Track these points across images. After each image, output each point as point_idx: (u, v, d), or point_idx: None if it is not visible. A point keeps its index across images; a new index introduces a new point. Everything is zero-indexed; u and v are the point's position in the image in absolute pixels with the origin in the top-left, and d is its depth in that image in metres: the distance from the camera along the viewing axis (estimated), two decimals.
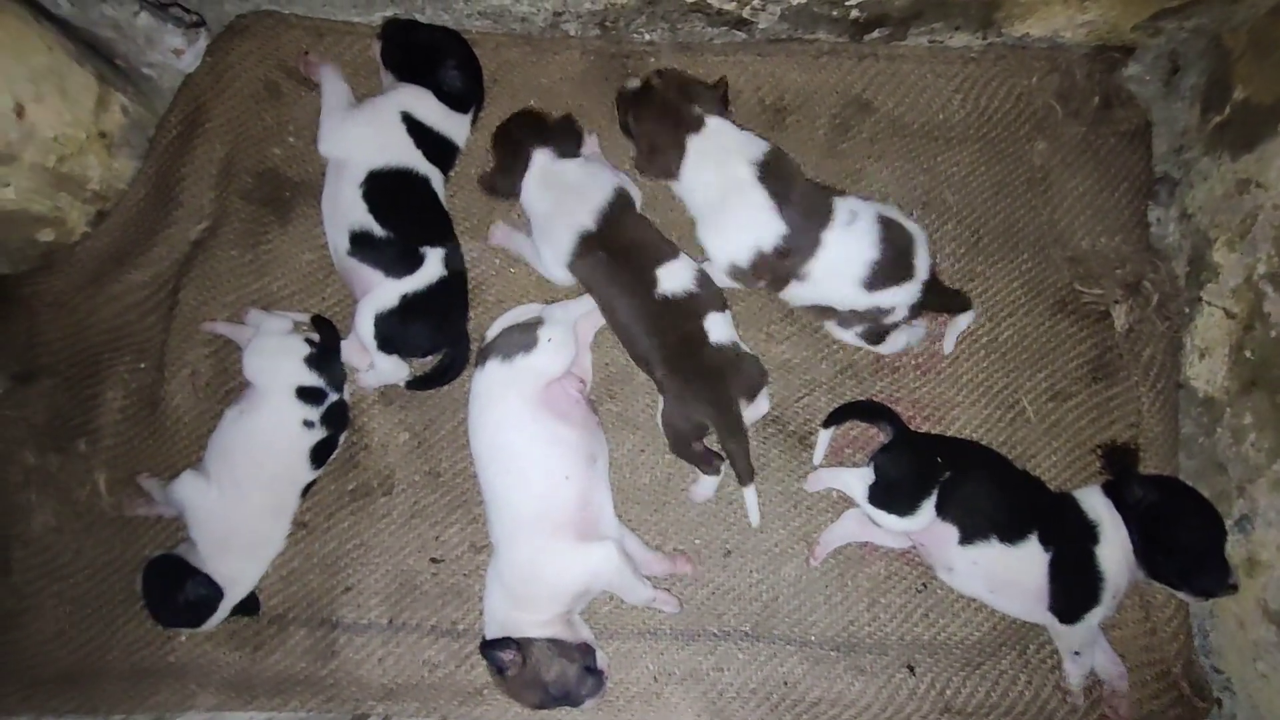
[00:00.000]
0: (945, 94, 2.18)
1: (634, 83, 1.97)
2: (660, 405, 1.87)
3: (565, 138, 2.00)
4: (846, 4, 2.03)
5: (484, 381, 1.81)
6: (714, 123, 1.90)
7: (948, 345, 2.01)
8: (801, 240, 1.83)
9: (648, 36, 2.19)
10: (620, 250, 1.85)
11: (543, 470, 1.73)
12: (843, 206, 1.85)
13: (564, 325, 1.85)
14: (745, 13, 2.07)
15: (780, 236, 1.83)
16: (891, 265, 1.83)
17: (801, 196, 1.86)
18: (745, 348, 1.88)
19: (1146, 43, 2.11)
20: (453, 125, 2.04)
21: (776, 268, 1.87)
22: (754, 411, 1.88)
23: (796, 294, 1.92)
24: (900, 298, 1.86)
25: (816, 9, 2.05)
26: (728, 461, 1.85)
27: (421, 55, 2.01)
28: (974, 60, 2.19)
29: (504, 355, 1.80)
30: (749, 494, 1.84)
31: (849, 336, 1.97)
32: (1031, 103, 2.17)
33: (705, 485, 1.93)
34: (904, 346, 2.00)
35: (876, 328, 1.93)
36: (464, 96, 2.05)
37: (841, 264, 1.84)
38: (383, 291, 1.89)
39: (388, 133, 1.95)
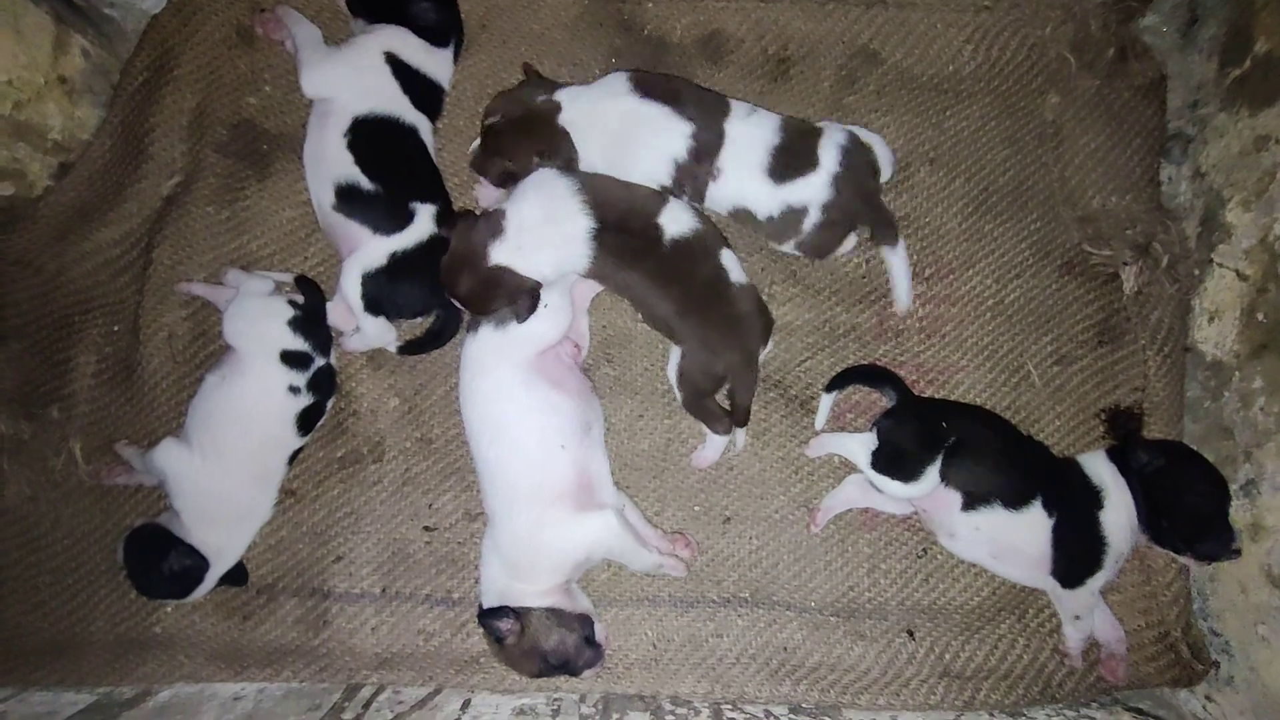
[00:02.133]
0: (955, 45, 2.10)
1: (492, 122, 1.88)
2: (675, 359, 1.81)
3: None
4: None
5: (476, 348, 1.75)
6: (562, 97, 1.83)
7: (899, 302, 1.96)
8: (707, 135, 1.79)
9: None
10: (616, 224, 1.74)
11: (537, 440, 1.69)
12: (740, 103, 1.84)
13: (559, 290, 1.77)
14: None
15: (688, 135, 1.79)
16: (794, 154, 1.80)
17: (693, 95, 1.83)
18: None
19: None
20: (436, 63, 1.95)
21: (695, 172, 1.82)
22: (762, 354, 1.85)
23: (716, 198, 1.88)
24: (809, 193, 1.81)
25: None
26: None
27: None
28: (986, 9, 2.10)
29: (497, 321, 1.73)
30: (741, 435, 1.89)
31: (789, 248, 1.93)
32: (1044, 54, 2.09)
33: (712, 447, 1.89)
34: (845, 253, 1.99)
35: (811, 237, 1.88)
36: (442, 27, 1.95)
37: (745, 152, 1.80)
38: (370, 250, 1.81)
39: (372, 75, 1.86)
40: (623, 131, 1.79)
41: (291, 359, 1.80)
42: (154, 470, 1.81)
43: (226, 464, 1.78)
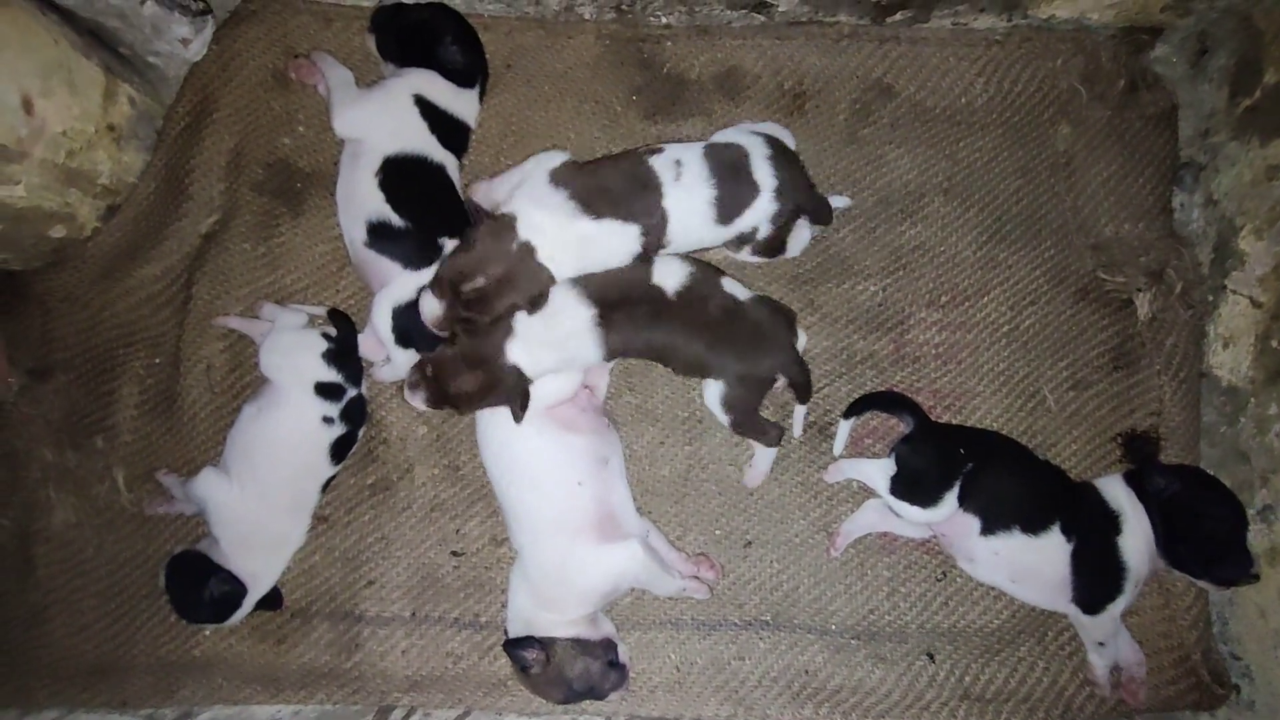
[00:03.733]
0: (968, 77, 2.14)
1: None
2: (714, 392, 1.83)
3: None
4: None
5: None
6: (528, 234, 1.73)
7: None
8: (653, 222, 1.78)
9: (664, 20, 2.14)
10: (618, 302, 1.77)
11: (555, 479, 1.73)
12: (663, 161, 1.79)
13: None
14: None
15: (638, 234, 1.78)
16: (734, 194, 1.81)
17: (626, 185, 1.78)
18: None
19: (1175, 23, 2.06)
20: (463, 104, 2.01)
21: (650, 248, 1.82)
22: (800, 342, 1.90)
23: (672, 250, 1.88)
24: (759, 216, 1.84)
25: None
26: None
27: (416, 37, 1.97)
28: (998, 43, 2.14)
29: None
30: (800, 410, 1.92)
31: (746, 256, 1.97)
32: (1056, 86, 2.13)
33: (762, 461, 1.93)
34: (801, 250, 2.02)
35: (764, 244, 1.92)
36: (468, 70, 2.01)
37: (691, 216, 1.80)
38: (400, 284, 1.86)
39: (402, 116, 1.92)
40: (584, 250, 1.77)
41: (325, 390, 1.85)
42: (194, 498, 1.86)
43: (263, 492, 1.83)
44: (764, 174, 1.82)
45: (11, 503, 2.00)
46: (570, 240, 1.73)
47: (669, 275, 1.79)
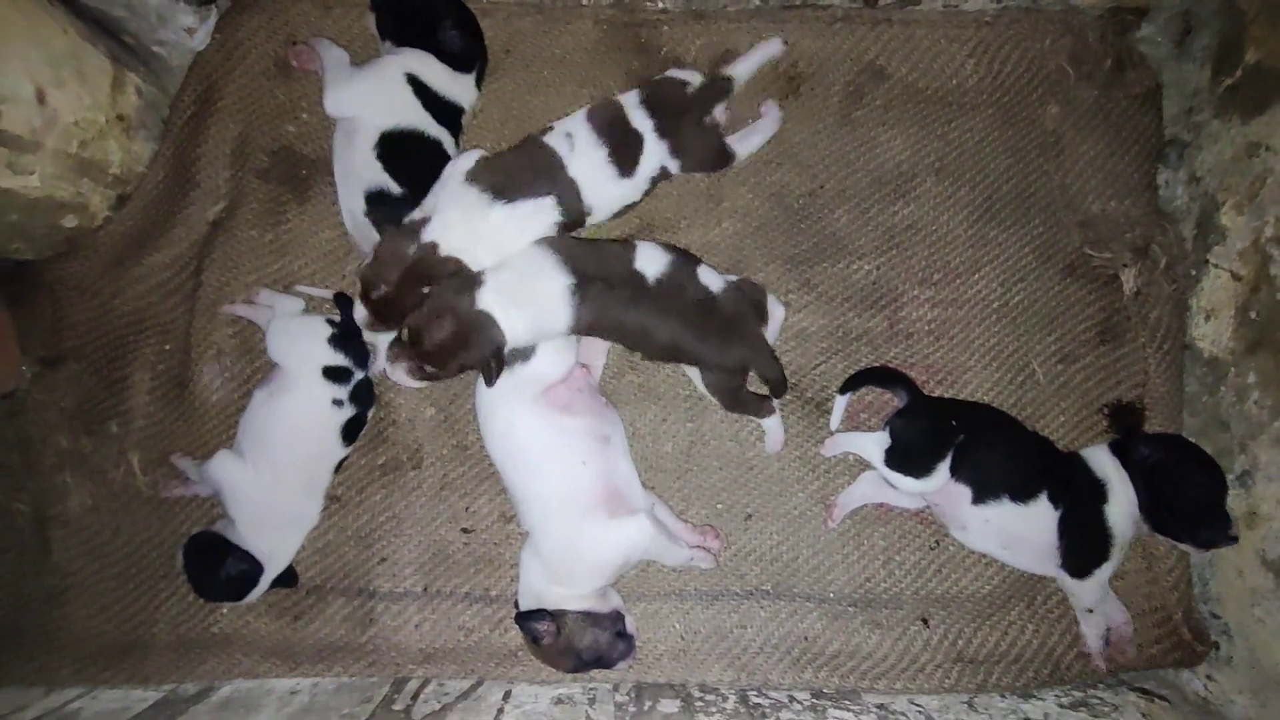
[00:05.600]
0: (959, 59, 2.18)
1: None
2: (698, 377, 1.92)
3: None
4: None
5: (486, 389, 1.82)
6: (438, 237, 1.79)
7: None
8: (566, 192, 1.86)
9: (661, 4, 2.17)
10: (598, 277, 1.80)
11: (557, 462, 1.77)
12: (556, 137, 1.89)
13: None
14: None
15: (554, 204, 1.85)
16: (623, 146, 1.90)
17: (531, 163, 1.86)
18: (731, 279, 1.92)
19: (1160, 3, 2.11)
20: (458, 88, 2.02)
21: (572, 215, 1.89)
22: (774, 324, 1.95)
23: (600, 218, 1.98)
24: (656, 158, 1.94)
25: None
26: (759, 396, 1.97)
27: (416, 19, 1.98)
28: (988, 24, 2.18)
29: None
30: (771, 423, 1.98)
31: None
32: (1044, 66, 2.17)
33: (772, 430, 1.99)
34: (750, 152, 2.10)
35: (689, 169, 2.01)
36: (466, 55, 2.02)
37: (596, 178, 1.89)
38: None
39: (394, 93, 1.93)
40: (504, 234, 1.82)
41: (333, 374, 1.89)
42: (209, 481, 1.91)
43: (277, 474, 1.88)
44: (640, 120, 1.92)
45: (28, 488, 2.04)
46: (488, 229, 1.80)
47: (650, 262, 1.83)
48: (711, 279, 1.87)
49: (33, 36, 1.64)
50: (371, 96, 1.94)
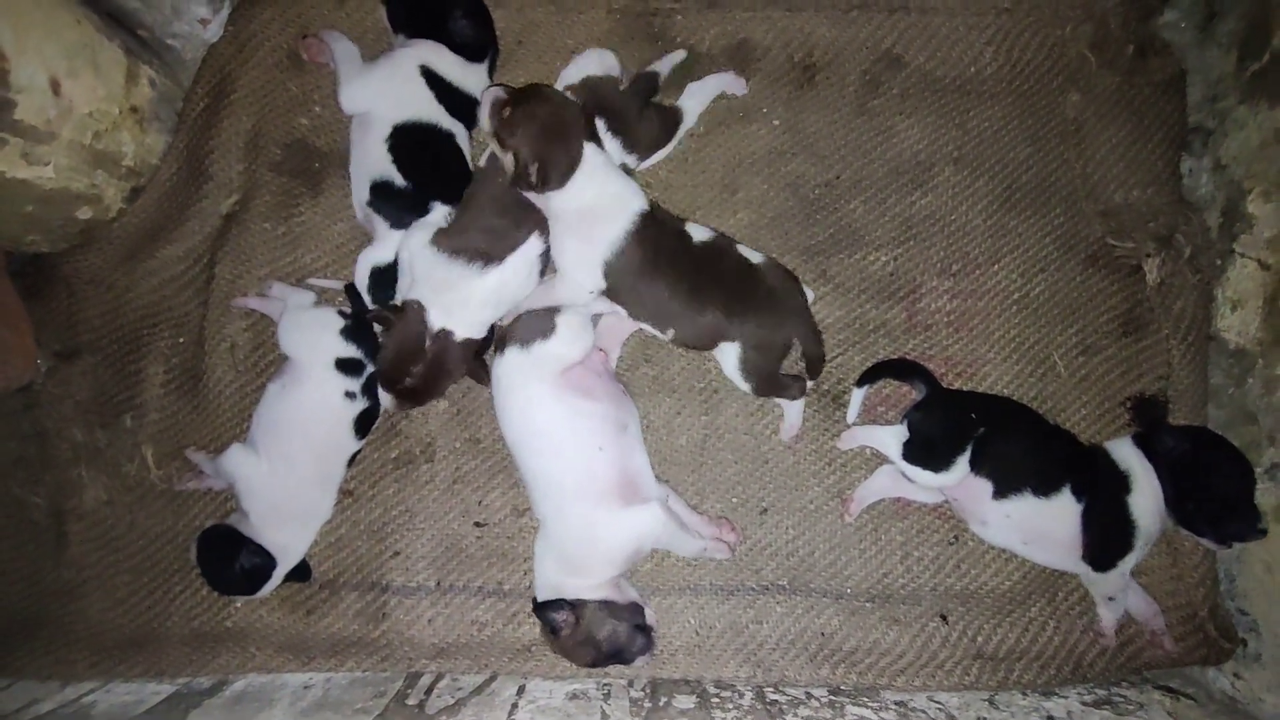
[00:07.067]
0: (977, 47, 2.15)
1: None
2: (732, 360, 1.86)
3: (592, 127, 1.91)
4: None
5: (504, 368, 1.82)
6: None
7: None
8: (541, 220, 1.85)
9: None
10: (656, 217, 1.82)
11: (575, 446, 1.76)
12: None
13: (580, 313, 1.85)
14: None
15: (541, 245, 1.86)
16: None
17: (493, 220, 1.85)
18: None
19: None
20: (471, 77, 2.01)
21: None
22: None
23: None
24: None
25: None
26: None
27: (427, 10, 1.98)
28: (1007, 11, 2.15)
29: (522, 342, 1.80)
30: (795, 406, 1.96)
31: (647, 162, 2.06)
32: (1065, 53, 2.14)
33: (793, 412, 1.97)
34: (700, 106, 2.08)
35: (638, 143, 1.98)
36: (478, 45, 2.02)
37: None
38: (384, 243, 1.91)
39: (407, 86, 1.93)
40: (507, 294, 1.85)
41: (345, 366, 1.89)
42: (223, 474, 1.91)
43: (290, 467, 1.88)
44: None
45: (44, 482, 2.04)
46: (490, 295, 1.81)
47: (696, 231, 1.84)
48: (751, 253, 1.87)
49: (47, 27, 1.65)
50: (385, 90, 1.94)
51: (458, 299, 1.80)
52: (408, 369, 1.82)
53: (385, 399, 1.88)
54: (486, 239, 1.80)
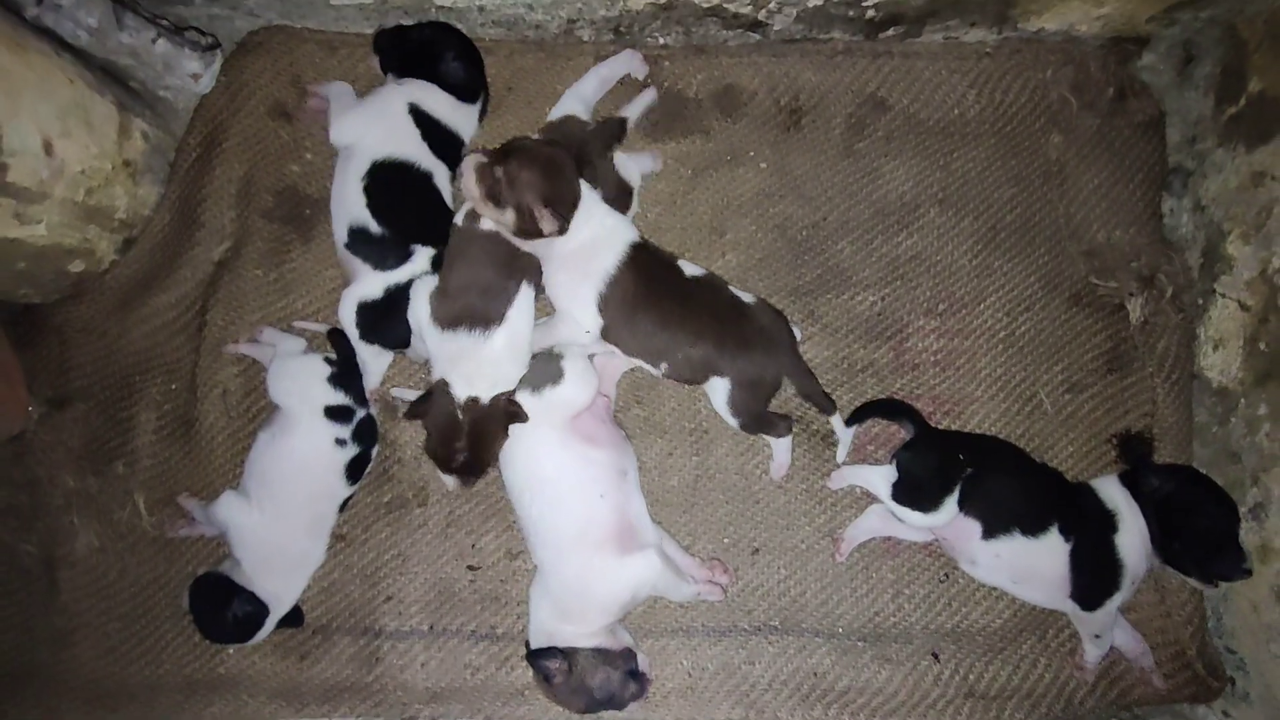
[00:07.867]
0: (960, 90, 2.19)
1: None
2: (721, 396, 1.86)
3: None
4: (862, 4, 2.02)
5: None
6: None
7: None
8: (530, 266, 1.86)
9: (662, 40, 2.18)
10: (649, 247, 1.86)
11: (578, 494, 1.77)
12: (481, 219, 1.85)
13: (583, 358, 1.87)
14: (761, 15, 2.06)
15: (533, 292, 1.87)
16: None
17: (482, 278, 1.83)
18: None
19: (1161, 33, 2.11)
20: (460, 117, 2.03)
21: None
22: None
23: None
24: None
25: (832, 10, 2.04)
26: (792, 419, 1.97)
27: (418, 54, 2.00)
28: (989, 55, 2.19)
29: (532, 387, 1.81)
30: (836, 419, 1.96)
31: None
32: (1046, 96, 2.17)
33: (781, 451, 1.98)
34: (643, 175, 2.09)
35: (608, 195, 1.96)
36: (470, 85, 2.03)
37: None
38: (367, 282, 1.90)
39: (394, 121, 1.94)
40: (518, 347, 1.84)
41: (335, 413, 1.88)
42: (215, 522, 1.90)
43: (282, 514, 1.87)
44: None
45: (35, 529, 2.03)
46: (503, 354, 1.80)
47: (688, 266, 1.87)
48: (741, 294, 1.88)
49: (41, 89, 1.66)
50: (371, 123, 1.95)
51: (473, 368, 1.79)
52: (452, 447, 1.80)
53: (448, 481, 1.87)
54: (481, 299, 1.79)
